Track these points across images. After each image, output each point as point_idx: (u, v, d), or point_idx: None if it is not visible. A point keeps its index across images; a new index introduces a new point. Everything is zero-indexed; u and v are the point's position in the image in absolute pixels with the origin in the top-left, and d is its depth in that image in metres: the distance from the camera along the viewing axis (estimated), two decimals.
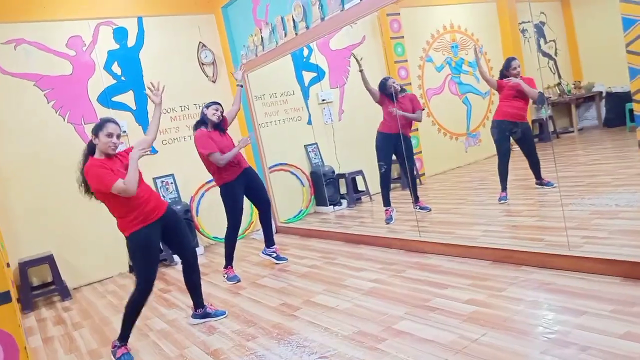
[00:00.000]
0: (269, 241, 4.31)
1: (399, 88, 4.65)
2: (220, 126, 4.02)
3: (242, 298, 3.58)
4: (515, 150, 4.63)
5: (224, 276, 4.09)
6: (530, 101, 4.56)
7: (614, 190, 4.28)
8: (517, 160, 4.72)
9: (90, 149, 2.81)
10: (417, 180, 5.34)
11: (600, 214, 3.68)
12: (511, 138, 4.54)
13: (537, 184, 4.77)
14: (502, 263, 3.12)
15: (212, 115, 3.92)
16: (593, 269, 2.64)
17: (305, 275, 3.81)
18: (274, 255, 4.33)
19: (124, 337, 2.86)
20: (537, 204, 4.53)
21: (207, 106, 3.98)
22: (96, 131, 2.75)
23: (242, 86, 4.41)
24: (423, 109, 4.94)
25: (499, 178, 4.65)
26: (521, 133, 4.49)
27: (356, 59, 4.68)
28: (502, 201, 4.63)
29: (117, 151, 2.85)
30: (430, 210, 4.96)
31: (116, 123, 2.80)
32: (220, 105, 4.00)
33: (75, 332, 3.59)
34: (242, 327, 2.99)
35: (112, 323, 3.61)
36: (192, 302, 3.26)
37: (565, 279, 2.67)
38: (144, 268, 2.86)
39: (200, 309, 3.22)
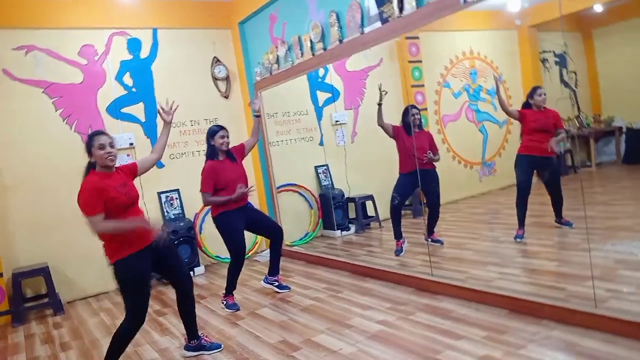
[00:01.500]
0: (274, 270, 4.12)
1: (419, 122, 4.46)
2: (232, 154, 3.86)
3: (239, 330, 3.38)
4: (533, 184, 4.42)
5: (223, 303, 3.89)
6: None
7: (638, 236, 4.05)
8: (533, 194, 4.51)
9: (91, 164, 2.68)
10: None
11: (626, 263, 3.45)
12: (535, 173, 4.33)
13: (556, 221, 4.55)
14: (521, 314, 2.90)
15: (221, 144, 3.76)
16: (623, 331, 2.42)
17: (308, 309, 3.60)
18: (276, 284, 4.13)
19: None
20: (556, 246, 4.30)
21: (213, 133, 3.79)
22: (88, 149, 2.63)
23: (259, 116, 4.20)
24: (438, 151, 4.76)
25: (516, 214, 4.44)
26: (546, 168, 4.28)
27: (380, 92, 4.50)
28: (519, 239, 4.41)
29: (117, 163, 2.71)
30: (442, 243, 4.75)
31: (105, 134, 2.67)
32: (226, 130, 3.84)
33: (62, 355, 3.40)
34: None
35: (102, 347, 3.42)
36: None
37: (592, 341, 2.44)
38: (133, 301, 2.66)
39: (194, 340, 3.02)
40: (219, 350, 3.03)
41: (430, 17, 3.12)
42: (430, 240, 4.64)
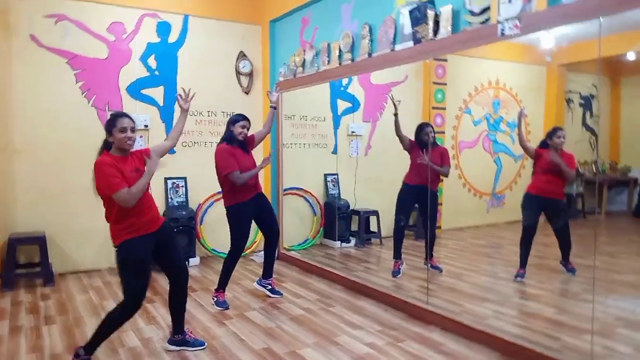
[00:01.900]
0: (267, 273, 4.08)
1: (433, 140, 4.42)
2: (245, 145, 3.83)
3: (225, 330, 3.33)
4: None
5: (213, 299, 3.85)
6: None
7: None
8: (538, 234, 4.42)
9: (107, 145, 2.67)
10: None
11: (626, 321, 3.37)
12: (543, 213, 4.26)
13: (561, 263, 4.46)
14: (512, 359, 2.82)
15: (239, 133, 3.74)
16: None
17: (297, 319, 3.55)
18: (269, 287, 4.08)
19: (91, 347, 2.65)
20: (556, 292, 4.22)
21: (235, 121, 3.78)
22: (109, 128, 2.60)
23: (275, 108, 4.23)
24: (450, 165, 4.70)
25: (519, 252, 4.37)
26: (555, 211, 4.20)
27: (393, 102, 4.50)
28: (519, 279, 4.33)
29: (134, 148, 2.69)
30: (441, 271, 4.68)
31: (128, 117, 2.64)
32: (249, 122, 3.82)
33: (45, 328, 3.37)
34: None
35: (86, 325, 3.39)
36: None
37: None
38: (132, 284, 2.63)
39: (179, 335, 2.98)
40: (201, 348, 2.98)
41: (464, 44, 3.07)
42: (429, 265, 4.58)
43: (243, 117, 3.80)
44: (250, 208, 3.81)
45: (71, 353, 2.85)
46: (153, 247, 2.72)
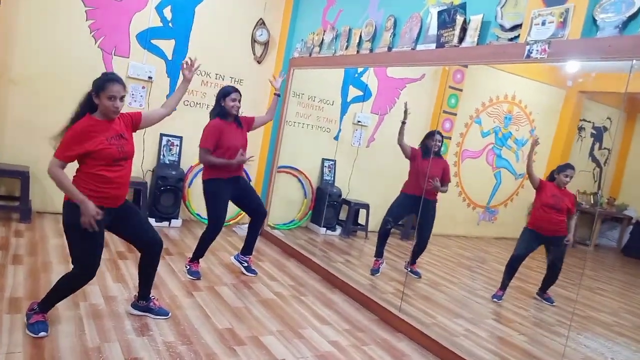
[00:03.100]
0: (247, 249, 4.00)
1: (438, 150, 4.30)
2: (239, 120, 3.70)
3: (192, 302, 3.27)
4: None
5: (186, 267, 3.78)
6: None
7: (613, 337, 3.93)
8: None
9: (91, 105, 2.44)
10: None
11: None
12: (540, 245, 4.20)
13: (537, 294, 4.44)
14: None
15: (232, 107, 3.58)
16: None
17: (267, 303, 3.49)
18: (245, 265, 4.02)
19: (44, 306, 2.54)
20: (530, 319, 4.18)
21: (225, 94, 3.57)
22: (97, 90, 2.40)
23: (279, 95, 4.06)
24: (450, 182, 4.60)
25: (503, 275, 4.32)
26: (554, 246, 4.14)
27: (405, 110, 4.37)
28: (496, 300, 4.30)
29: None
30: (420, 277, 4.64)
31: (120, 82, 2.43)
32: (240, 94, 3.63)
33: (10, 267, 3.29)
34: (175, 341, 2.68)
35: (52, 273, 3.32)
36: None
37: None
38: (81, 251, 2.45)
39: (143, 301, 2.91)
40: (165, 317, 2.92)
41: (487, 58, 2.94)
42: (409, 270, 4.53)
43: (234, 89, 3.59)
44: (228, 187, 3.67)
45: (30, 299, 2.80)
46: (111, 222, 2.55)
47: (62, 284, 2.51)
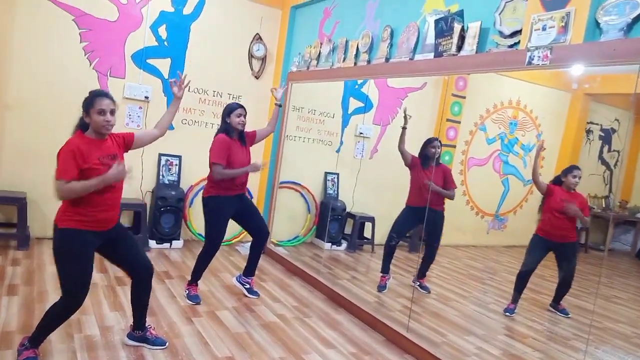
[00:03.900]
0: (249, 271, 3.89)
1: (438, 157, 4.18)
2: (244, 137, 3.62)
3: (191, 329, 3.15)
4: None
5: (185, 292, 3.68)
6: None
7: (634, 351, 3.76)
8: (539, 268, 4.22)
9: (83, 124, 2.41)
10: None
11: None
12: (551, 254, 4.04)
13: (551, 305, 4.27)
14: None
15: (237, 123, 3.52)
16: None
17: (269, 327, 3.36)
18: (247, 287, 3.91)
19: (35, 341, 2.44)
20: (545, 334, 4.01)
21: (230, 110, 3.54)
22: (86, 108, 2.35)
23: (280, 105, 4.00)
24: (456, 187, 4.47)
25: (514, 287, 4.17)
26: (565, 254, 3.98)
27: (405, 116, 4.27)
28: (508, 314, 4.14)
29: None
30: (429, 292, 4.50)
31: (109, 97, 2.38)
32: (245, 110, 3.59)
33: (4, 299, 3.20)
34: None
35: (47, 303, 3.21)
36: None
37: None
38: (69, 278, 2.37)
39: (139, 330, 2.80)
40: (162, 347, 2.80)
41: (487, 66, 2.83)
42: (418, 284, 4.40)
43: (239, 105, 3.56)
44: (231, 205, 3.59)
45: (23, 333, 2.70)
46: (102, 246, 2.48)
47: (50, 315, 2.43)
